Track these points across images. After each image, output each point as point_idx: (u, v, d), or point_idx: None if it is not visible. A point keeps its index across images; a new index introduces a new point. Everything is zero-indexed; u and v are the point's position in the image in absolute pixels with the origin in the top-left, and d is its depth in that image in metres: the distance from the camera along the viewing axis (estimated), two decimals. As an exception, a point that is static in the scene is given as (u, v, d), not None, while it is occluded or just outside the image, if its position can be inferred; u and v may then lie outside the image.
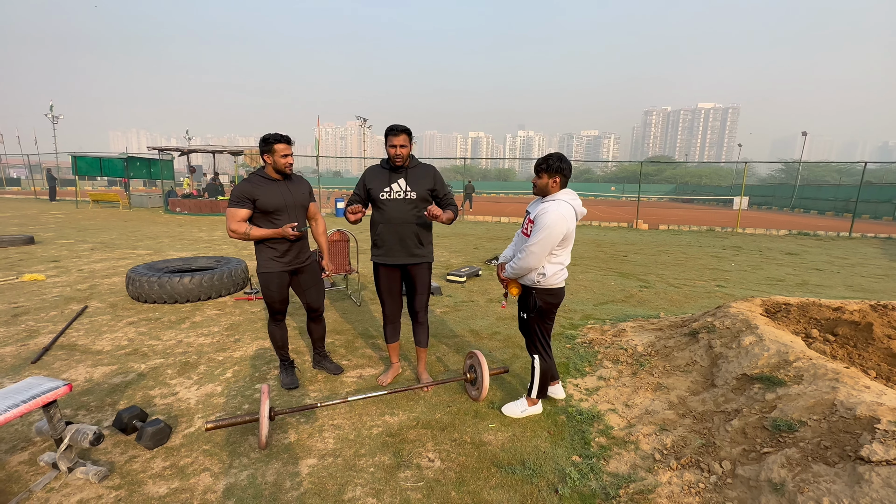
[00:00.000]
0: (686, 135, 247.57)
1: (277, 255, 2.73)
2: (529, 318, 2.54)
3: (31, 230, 10.32)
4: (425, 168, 2.79)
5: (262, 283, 2.77)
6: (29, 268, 6.32)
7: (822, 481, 1.60)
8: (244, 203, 2.60)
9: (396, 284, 2.91)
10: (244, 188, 2.61)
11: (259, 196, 2.61)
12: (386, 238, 2.76)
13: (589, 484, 2.06)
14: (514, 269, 2.39)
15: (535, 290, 2.44)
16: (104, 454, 2.22)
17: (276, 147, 2.60)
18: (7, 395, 1.85)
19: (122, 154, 16.87)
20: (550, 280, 2.37)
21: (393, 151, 2.62)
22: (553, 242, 2.20)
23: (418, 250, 2.81)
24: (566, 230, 2.20)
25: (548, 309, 2.49)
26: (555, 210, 2.18)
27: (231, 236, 2.63)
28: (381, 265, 2.85)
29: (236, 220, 2.60)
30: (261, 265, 2.74)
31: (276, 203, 2.65)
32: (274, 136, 2.60)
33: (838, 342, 2.63)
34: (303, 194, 2.81)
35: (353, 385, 3.06)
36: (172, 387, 2.95)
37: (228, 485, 2.02)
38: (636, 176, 60.45)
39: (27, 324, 4.04)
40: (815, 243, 12.40)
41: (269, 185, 2.66)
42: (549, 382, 2.67)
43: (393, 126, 2.62)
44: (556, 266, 2.36)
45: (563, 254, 2.37)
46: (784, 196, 36.21)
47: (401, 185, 2.70)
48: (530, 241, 2.20)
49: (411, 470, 2.16)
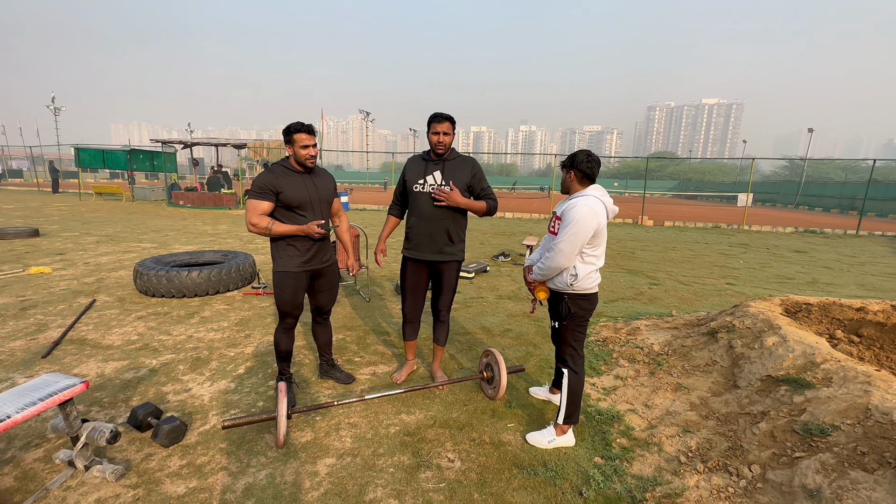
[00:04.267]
0: (689, 131, 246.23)
1: (298, 255, 2.51)
2: (562, 326, 2.31)
3: (36, 222, 10.29)
4: (464, 160, 2.68)
5: (276, 283, 2.54)
6: (35, 260, 6.28)
7: (861, 488, 1.56)
8: (267, 195, 2.39)
9: (422, 281, 2.82)
10: (268, 179, 2.40)
11: (284, 188, 2.40)
12: (416, 232, 2.69)
13: (613, 486, 2.02)
14: (542, 270, 2.23)
15: (567, 296, 2.25)
16: (119, 452, 2.18)
17: (295, 137, 2.38)
18: (23, 392, 1.82)
19: (125, 146, 16.79)
20: (583, 283, 2.19)
21: (436, 139, 2.54)
22: (583, 238, 2.07)
23: (448, 248, 2.71)
24: (597, 225, 2.07)
25: (581, 316, 2.28)
26: (583, 204, 2.08)
27: (251, 230, 2.41)
28: (409, 259, 2.79)
29: (258, 214, 2.38)
30: (278, 264, 2.52)
31: (301, 197, 2.45)
32: (295, 125, 2.39)
33: (864, 343, 2.58)
34: (327, 189, 2.60)
35: (367, 383, 3.02)
36: (185, 383, 2.91)
37: (247, 484, 1.99)
38: (639, 172, 60.11)
39: (36, 317, 4.00)
40: (822, 241, 12.32)
41: (294, 177, 2.46)
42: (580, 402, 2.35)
43: (437, 113, 2.55)
44: (589, 267, 2.19)
45: (596, 254, 2.21)
46: (788, 193, 36.05)
47: (436, 177, 2.61)
48: (558, 237, 2.11)
49: (432, 470, 2.12)
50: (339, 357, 3.39)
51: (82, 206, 14.62)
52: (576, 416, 2.32)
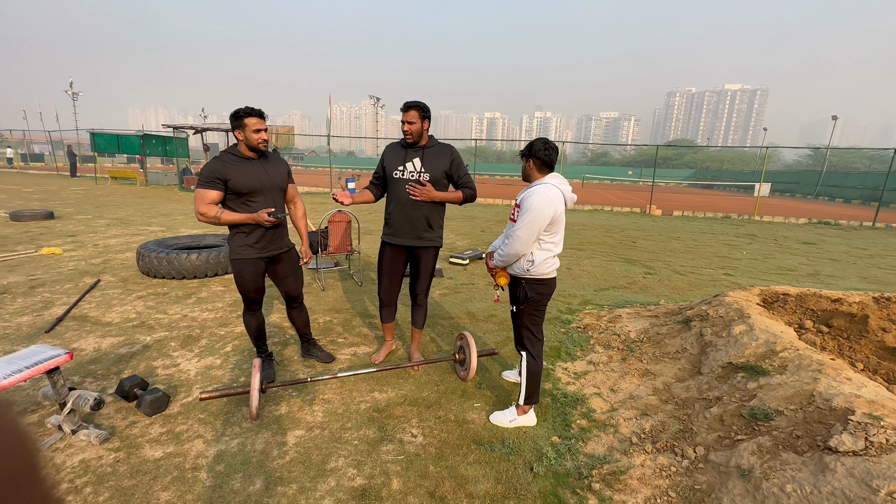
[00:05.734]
0: (710, 117, 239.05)
1: (252, 242, 2.51)
2: (519, 310, 2.39)
3: (52, 205, 10.65)
4: (443, 148, 2.75)
5: (235, 270, 2.56)
6: (47, 242, 6.56)
7: (788, 469, 1.62)
8: (215, 184, 2.36)
9: (399, 266, 2.91)
10: (214, 167, 2.36)
11: (231, 176, 2.37)
12: (396, 218, 2.76)
13: (564, 463, 2.11)
14: (502, 257, 2.30)
15: (525, 280, 2.31)
16: (106, 419, 2.35)
17: (246, 121, 2.36)
18: (12, 360, 1.98)
19: (138, 132, 17.13)
20: (540, 269, 2.25)
21: (405, 127, 2.62)
22: (540, 226, 2.12)
23: (427, 234, 2.79)
24: (553, 213, 2.12)
25: (538, 301, 2.35)
26: (540, 192, 2.13)
27: (200, 220, 2.38)
28: (388, 244, 2.87)
29: (205, 203, 2.35)
30: (233, 252, 2.52)
31: (251, 184, 2.42)
32: (245, 109, 2.37)
33: (831, 334, 2.59)
34: (280, 175, 2.56)
35: (347, 362, 3.15)
36: (174, 358, 3.08)
37: (219, 451, 2.13)
38: (655, 160, 58.37)
39: (43, 295, 4.23)
40: (834, 233, 12.02)
41: (243, 164, 2.42)
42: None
43: (406, 102, 2.62)
44: (546, 254, 2.25)
45: (553, 241, 2.26)
46: (809, 183, 34.93)
47: (415, 164, 2.68)
48: (516, 225, 2.16)
49: (394, 444, 2.24)
50: (324, 338, 3.52)
51: (97, 190, 15.04)
52: (535, 396, 2.41)
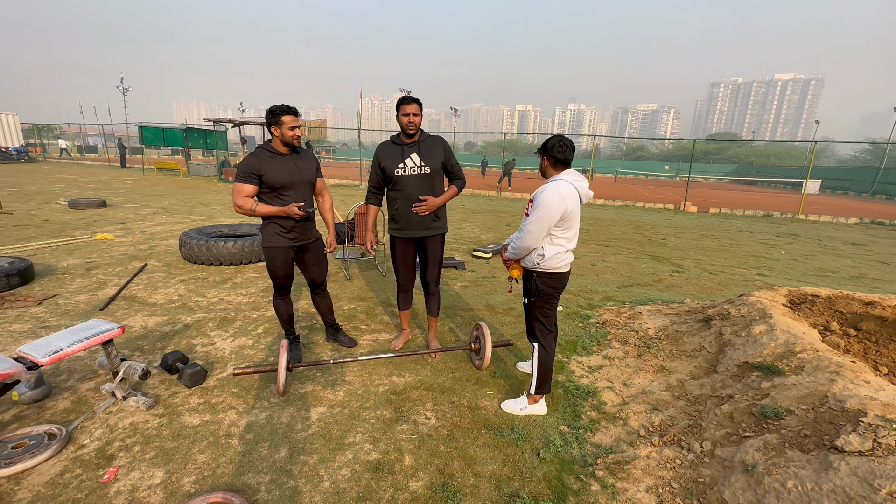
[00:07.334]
0: (758, 109, 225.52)
1: (284, 232, 2.71)
2: (530, 302, 2.45)
3: (104, 194, 11.46)
4: (435, 140, 2.87)
5: (267, 257, 2.77)
6: (101, 228, 7.11)
7: (792, 466, 1.63)
8: (250, 178, 2.55)
9: (411, 256, 3.06)
10: (250, 163, 2.55)
11: (266, 171, 2.55)
12: (403, 213, 2.88)
13: (571, 451, 2.18)
14: (514, 250, 2.37)
15: (536, 274, 2.36)
16: (152, 388, 2.61)
17: (283, 119, 2.53)
18: (74, 332, 2.23)
19: (181, 125, 18.05)
20: (550, 262, 2.29)
21: (406, 120, 2.70)
22: (550, 221, 2.17)
23: (434, 223, 2.94)
24: (564, 209, 2.16)
25: (549, 294, 2.38)
26: (553, 188, 2.17)
27: (237, 211, 2.59)
28: (399, 238, 3.00)
29: (242, 196, 2.56)
30: (266, 240, 2.73)
31: (283, 178, 2.60)
32: (281, 107, 2.53)
33: (857, 337, 2.51)
34: (310, 170, 2.75)
35: (369, 347, 3.31)
36: (212, 337, 3.33)
37: (249, 422, 2.33)
38: (695, 154, 55.80)
39: (97, 277, 4.63)
40: (888, 233, 11.25)
41: (276, 159, 2.60)
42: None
43: (405, 96, 2.74)
44: (557, 248, 2.28)
45: (566, 236, 2.30)
46: (865, 180, 32.52)
47: (415, 160, 2.79)
48: (528, 219, 2.22)
49: (408, 424, 2.37)
50: (347, 324, 3.70)
51: (144, 181, 15.99)
52: (546, 386, 2.47)
